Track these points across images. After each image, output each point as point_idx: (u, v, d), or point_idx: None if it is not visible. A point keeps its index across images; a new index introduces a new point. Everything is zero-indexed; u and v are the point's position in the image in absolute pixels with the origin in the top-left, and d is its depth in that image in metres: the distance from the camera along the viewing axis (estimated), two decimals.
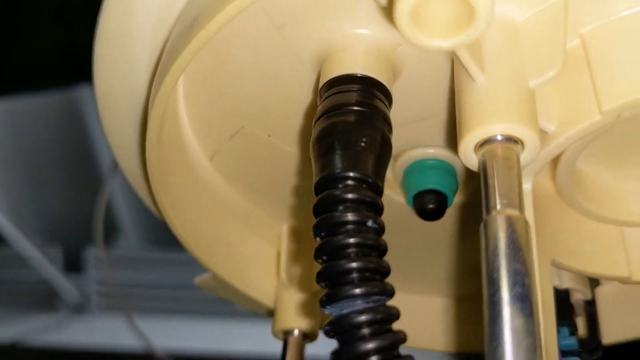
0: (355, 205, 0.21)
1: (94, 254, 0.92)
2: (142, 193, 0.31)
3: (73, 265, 0.94)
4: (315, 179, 0.22)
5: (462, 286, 0.35)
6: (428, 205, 0.28)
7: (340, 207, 0.21)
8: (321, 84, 0.24)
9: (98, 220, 0.67)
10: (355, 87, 0.23)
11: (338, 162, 0.22)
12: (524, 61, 0.22)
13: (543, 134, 0.23)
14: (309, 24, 0.24)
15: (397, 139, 0.27)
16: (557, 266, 0.27)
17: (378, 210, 0.22)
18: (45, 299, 0.95)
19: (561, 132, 0.22)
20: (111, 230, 0.94)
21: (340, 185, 0.21)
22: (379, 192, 0.22)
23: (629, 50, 0.22)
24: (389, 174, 0.29)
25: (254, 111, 0.27)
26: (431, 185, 0.28)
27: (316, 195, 0.22)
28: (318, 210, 0.22)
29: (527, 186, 0.24)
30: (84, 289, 0.95)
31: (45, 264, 0.90)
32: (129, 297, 0.91)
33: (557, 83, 0.22)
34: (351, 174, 0.21)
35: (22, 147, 0.88)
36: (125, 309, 0.75)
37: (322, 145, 0.22)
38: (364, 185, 0.22)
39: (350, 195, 0.21)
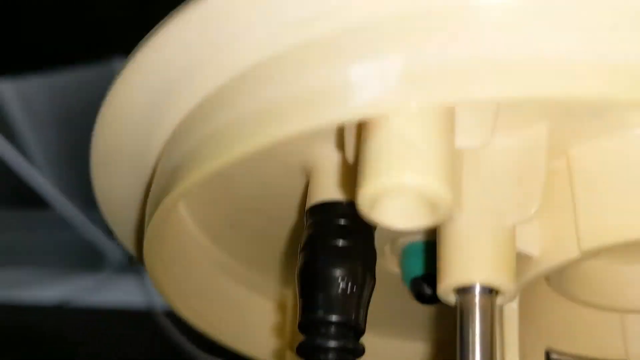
0: (335, 355, 0.22)
1: None
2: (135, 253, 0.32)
3: None
4: (298, 316, 0.23)
5: (442, 330, 0.35)
6: (426, 291, 0.28)
7: (321, 357, 0.22)
8: (307, 205, 0.24)
9: None
10: (338, 216, 0.23)
11: (318, 304, 0.22)
12: (503, 197, 0.22)
13: (526, 258, 0.23)
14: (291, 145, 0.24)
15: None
16: (551, 352, 0.28)
17: (357, 353, 0.22)
18: (90, 260, 0.97)
19: (541, 261, 0.22)
20: None
21: (322, 331, 0.22)
22: (361, 332, 0.23)
23: (615, 180, 0.22)
24: (387, 250, 0.29)
25: (252, 207, 0.28)
26: (429, 270, 0.28)
27: (300, 332, 0.23)
28: (301, 354, 0.22)
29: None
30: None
31: (88, 226, 0.92)
32: None
33: (539, 211, 0.22)
34: (332, 319, 0.22)
35: (64, 115, 0.89)
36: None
37: (304, 282, 0.23)
38: (344, 330, 0.22)
39: (331, 344, 0.22)
